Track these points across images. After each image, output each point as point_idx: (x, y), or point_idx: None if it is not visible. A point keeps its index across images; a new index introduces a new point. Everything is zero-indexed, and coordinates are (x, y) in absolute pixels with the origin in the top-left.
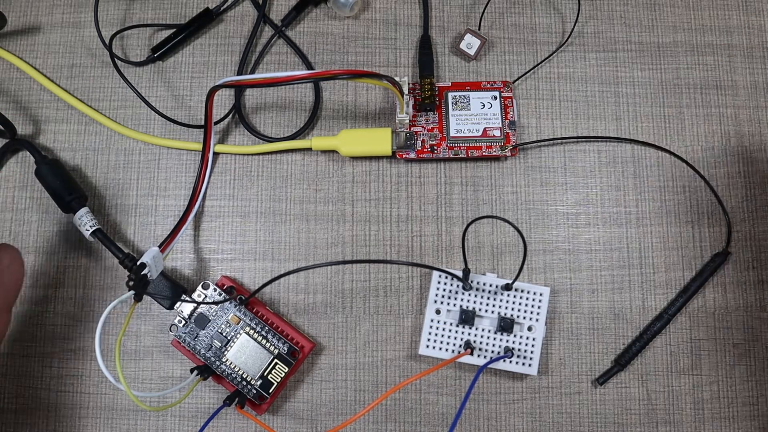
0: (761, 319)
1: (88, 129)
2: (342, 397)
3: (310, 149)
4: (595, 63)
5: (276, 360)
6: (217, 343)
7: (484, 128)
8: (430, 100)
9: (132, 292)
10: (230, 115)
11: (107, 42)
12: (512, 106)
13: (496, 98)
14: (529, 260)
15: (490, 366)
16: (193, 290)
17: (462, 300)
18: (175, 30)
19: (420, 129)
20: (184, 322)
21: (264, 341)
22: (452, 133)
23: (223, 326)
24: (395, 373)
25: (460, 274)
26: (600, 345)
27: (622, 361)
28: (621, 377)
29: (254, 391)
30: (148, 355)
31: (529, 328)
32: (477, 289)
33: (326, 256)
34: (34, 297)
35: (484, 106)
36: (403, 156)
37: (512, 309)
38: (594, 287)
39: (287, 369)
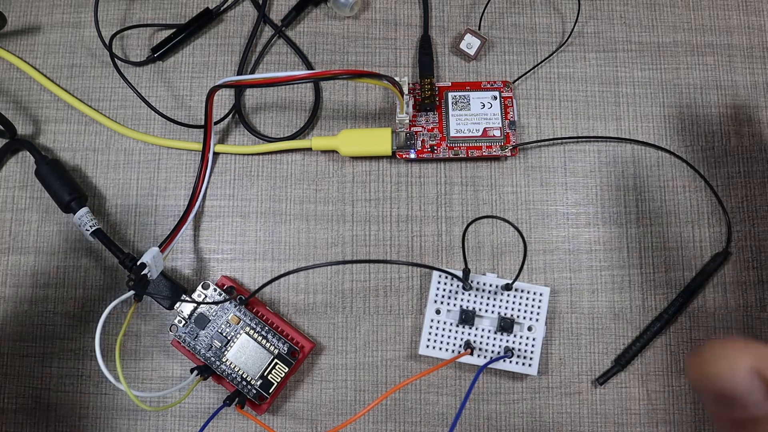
0: (761, 319)
1: (88, 129)
2: (342, 397)
3: (310, 149)
4: (595, 63)
5: (276, 360)
6: (217, 343)
7: (484, 128)
8: (430, 100)
9: (132, 292)
10: (230, 115)
11: (107, 42)
12: (512, 106)
13: (496, 98)
14: (529, 260)
15: (490, 366)
16: (193, 290)
17: (462, 300)
18: (175, 30)
19: (420, 129)
20: (184, 322)
21: (264, 341)
22: (452, 133)
23: (223, 326)
24: (395, 373)
25: (460, 274)
26: (600, 345)
27: (622, 361)
28: (621, 377)
29: (254, 391)
30: (148, 355)
31: (529, 328)
32: (477, 289)
33: (326, 256)
34: (34, 297)
35: (484, 106)
36: (403, 156)
37: (512, 309)
38: (594, 287)
39: (287, 369)
